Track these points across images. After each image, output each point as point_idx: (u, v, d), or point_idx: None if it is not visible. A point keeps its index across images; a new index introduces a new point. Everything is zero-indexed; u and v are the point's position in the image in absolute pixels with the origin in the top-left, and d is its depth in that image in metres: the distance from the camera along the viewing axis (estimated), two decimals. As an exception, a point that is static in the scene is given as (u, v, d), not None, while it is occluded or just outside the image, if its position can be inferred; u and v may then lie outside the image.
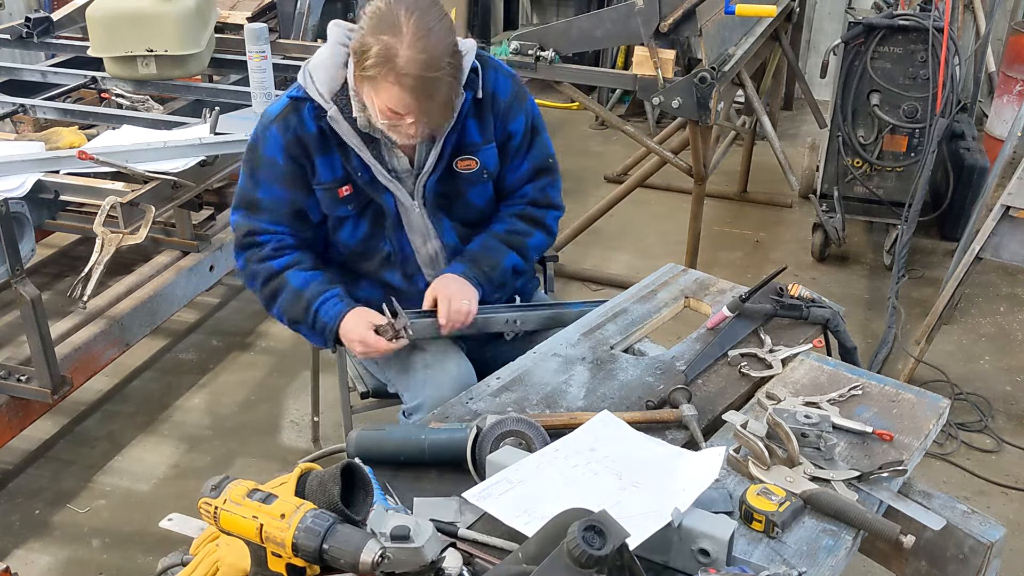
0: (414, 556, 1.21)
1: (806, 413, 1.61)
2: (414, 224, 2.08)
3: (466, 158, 2.04)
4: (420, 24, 1.76)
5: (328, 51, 1.94)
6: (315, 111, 1.94)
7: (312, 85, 1.92)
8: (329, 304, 2.01)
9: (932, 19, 3.72)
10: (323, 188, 2.01)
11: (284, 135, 1.96)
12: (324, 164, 1.98)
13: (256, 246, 2.04)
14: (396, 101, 1.80)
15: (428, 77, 1.77)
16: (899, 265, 3.62)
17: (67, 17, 3.97)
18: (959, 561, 1.62)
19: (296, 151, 1.97)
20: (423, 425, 1.64)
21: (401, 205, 2.05)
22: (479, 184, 2.09)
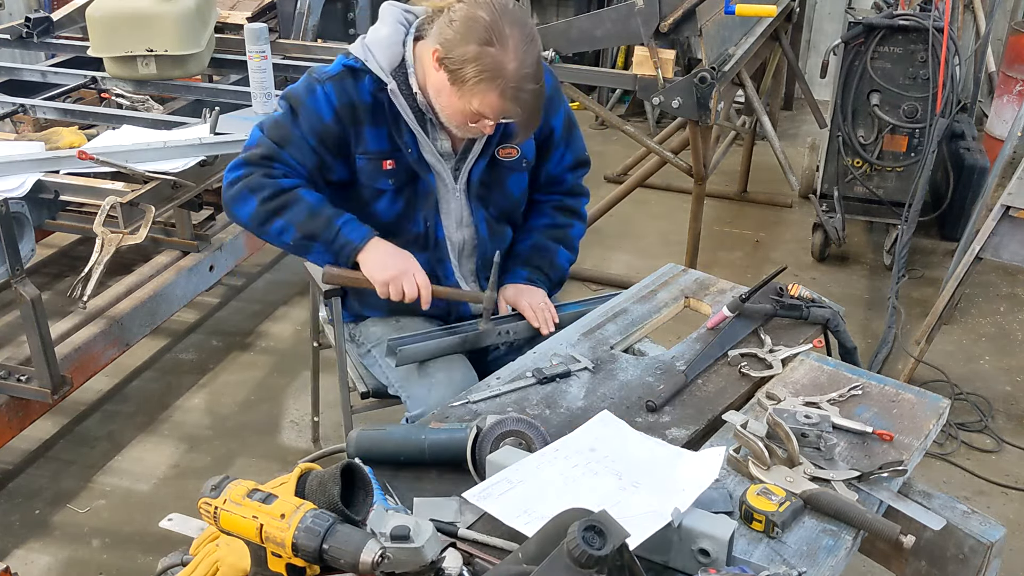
0: (414, 556, 1.21)
1: (806, 413, 1.61)
2: (451, 209, 2.10)
3: (508, 146, 2.09)
4: (523, 36, 1.81)
5: (388, 29, 1.98)
6: (374, 82, 1.97)
7: (373, 58, 1.95)
8: (353, 224, 2.01)
9: (932, 19, 3.72)
10: (368, 157, 2.02)
11: (338, 96, 1.97)
12: (373, 135, 2.00)
13: (267, 167, 2.01)
14: (497, 110, 1.85)
15: (533, 89, 1.83)
16: (899, 265, 3.62)
17: (67, 17, 3.97)
18: (959, 561, 1.62)
19: (347, 115, 1.99)
20: (423, 425, 1.64)
21: (444, 186, 2.08)
22: (518, 172, 2.14)
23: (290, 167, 2.01)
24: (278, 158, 2.01)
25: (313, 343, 2.82)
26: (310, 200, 2.00)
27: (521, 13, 1.86)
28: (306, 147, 2.00)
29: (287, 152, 2.01)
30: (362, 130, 2.00)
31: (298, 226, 2.00)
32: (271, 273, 4.14)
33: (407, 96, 1.97)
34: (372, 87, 1.97)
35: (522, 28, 1.82)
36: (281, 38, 4.01)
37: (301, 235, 2.01)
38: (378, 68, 1.95)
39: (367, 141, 2.00)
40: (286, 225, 2.00)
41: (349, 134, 2.00)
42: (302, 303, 3.83)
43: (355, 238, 1.99)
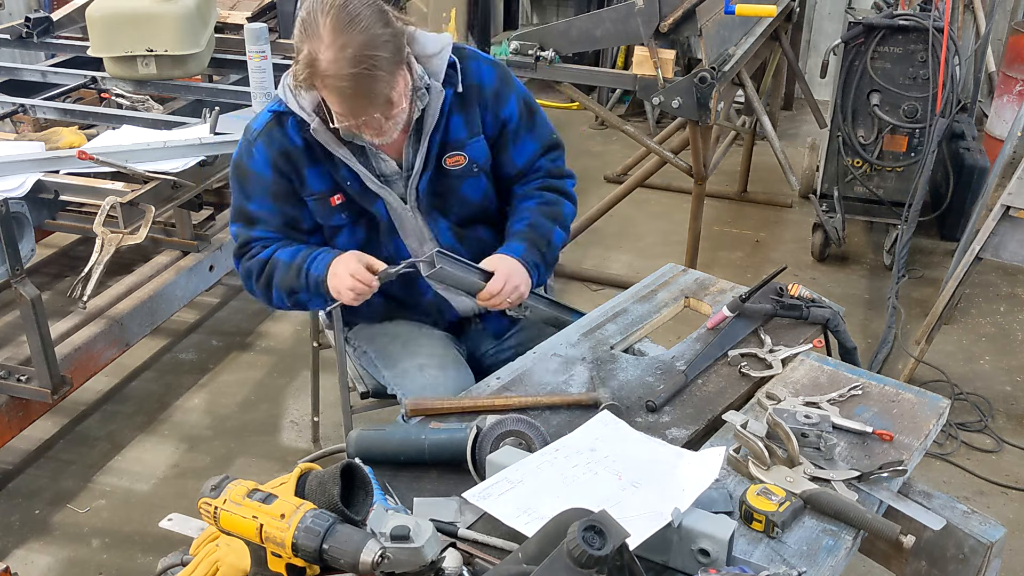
0: (414, 556, 1.21)
1: (806, 413, 1.61)
2: (408, 228, 2.06)
3: (453, 154, 2.02)
4: (337, 21, 1.71)
5: None
6: (298, 124, 1.92)
7: (292, 99, 1.90)
8: (319, 259, 1.98)
9: (932, 19, 3.72)
10: (315, 199, 2.00)
11: (269, 149, 1.95)
12: (313, 175, 1.97)
13: (247, 251, 2.05)
14: (335, 102, 1.79)
15: (352, 74, 1.72)
16: (899, 265, 3.62)
17: (67, 17, 3.97)
18: (959, 561, 1.62)
19: (284, 165, 1.96)
20: (423, 425, 1.64)
21: (393, 210, 2.03)
22: (470, 178, 2.06)
23: (267, 240, 2.03)
24: (254, 238, 2.03)
25: (313, 343, 2.82)
26: (284, 258, 2.01)
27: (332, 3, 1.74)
28: (267, 214, 2.01)
29: (256, 231, 2.03)
30: (302, 173, 1.97)
31: (281, 287, 2.01)
32: (271, 273, 4.14)
33: (333, 130, 1.89)
34: (296, 128, 1.93)
35: (339, 11, 1.72)
36: (281, 38, 4.00)
37: (286, 293, 2.02)
38: (299, 108, 1.90)
39: (309, 184, 1.98)
40: (279, 292, 2.03)
41: (293, 181, 1.98)
42: (302, 303, 3.83)
43: (320, 272, 1.96)
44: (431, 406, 1.72)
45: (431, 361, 2.05)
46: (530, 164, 2.13)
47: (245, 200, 2.02)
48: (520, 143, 2.10)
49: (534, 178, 2.15)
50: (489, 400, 1.72)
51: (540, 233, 2.07)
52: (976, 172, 4.25)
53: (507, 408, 1.69)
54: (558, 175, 2.16)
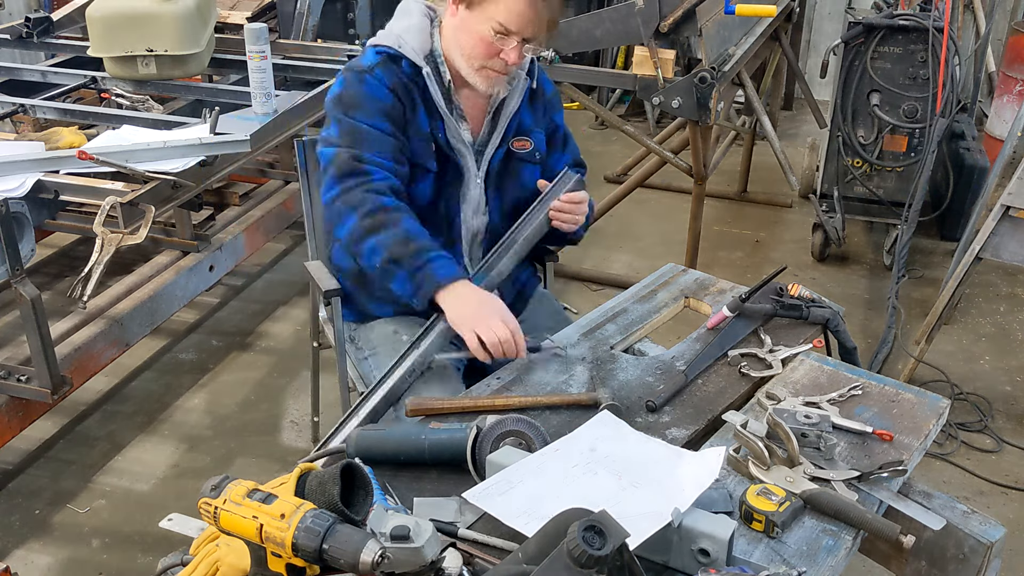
0: (414, 556, 1.21)
1: (806, 413, 1.61)
2: (471, 196, 2.15)
3: (522, 138, 2.16)
4: None
5: (416, 19, 2.06)
6: (410, 67, 2.02)
7: (406, 45, 2.02)
8: (444, 260, 1.92)
9: (932, 19, 3.72)
10: (419, 137, 2.05)
11: (389, 78, 2.01)
12: (422, 115, 2.05)
13: (364, 174, 1.95)
14: (516, 9, 1.89)
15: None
16: (899, 265, 3.62)
17: (67, 17, 3.97)
18: (959, 561, 1.62)
19: (402, 93, 2.02)
20: (423, 425, 1.65)
21: (467, 173, 2.12)
22: (531, 164, 2.19)
23: (379, 165, 1.97)
24: (365, 158, 1.97)
25: (313, 343, 2.82)
26: (407, 226, 1.94)
27: None
28: (379, 135, 1.99)
29: (367, 150, 1.97)
30: (416, 109, 2.04)
31: (388, 248, 1.91)
32: (271, 273, 4.15)
33: (438, 83, 2.04)
34: (409, 71, 2.02)
35: None
36: (281, 38, 4.01)
37: (388, 257, 1.92)
38: (413, 53, 2.01)
39: (418, 121, 2.05)
40: (377, 245, 1.93)
41: (407, 111, 2.03)
42: (302, 303, 3.83)
43: (440, 274, 1.88)
44: (431, 406, 1.73)
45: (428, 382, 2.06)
46: None
47: (355, 121, 1.99)
48: (557, 153, 2.27)
49: None
50: (489, 400, 1.73)
51: None
52: (976, 172, 4.25)
53: (507, 408, 1.69)
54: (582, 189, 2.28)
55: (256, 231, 3.51)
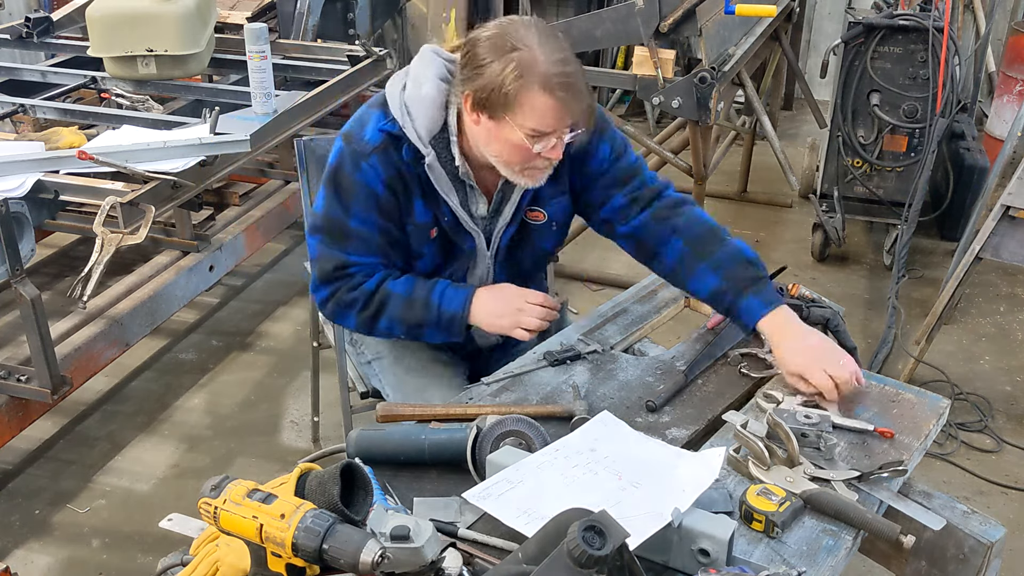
0: (414, 556, 1.21)
1: (806, 413, 1.61)
2: (478, 272, 2.03)
3: (534, 209, 1.98)
4: (540, 31, 1.71)
5: (430, 88, 1.82)
6: (411, 152, 1.84)
7: (411, 126, 1.82)
8: (449, 294, 1.92)
9: (932, 19, 3.72)
10: (416, 227, 1.93)
11: (385, 168, 1.85)
12: (419, 205, 1.91)
13: (346, 278, 1.93)
14: (545, 111, 1.69)
15: (571, 72, 1.69)
16: (899, 265, 3.62)
17: (67, 17, 3.97)
18: (959, 561, 1.62)
19: (398, 186, 1.87)
20: (423, 425, 1.64)
21: (477, 251, 2.00)
22: (547, 233, 2.04)
23: (362, 265, 1.93)
24: (349, 263, 1.92)
25: (313, 343, 2.82)
26: (399, 291, 1.92)
27: (528, 18, 1.77)
28: (367, 233, 1.90)
29: (352, 252, 1.91)
30: (412, 200, 1.90)
31: (401, 321, 1.93)
32: (271, 273, 4.14)
33: (445, 163, 1.86)
34: (410, 156, 1.85)
35: (536, 25, 1.72)
36: (281, 38, 4.01)
37: (407, 327, 1.94)
38: (416, 139, 1.82)
39: (415, 212, 1.91)
40: (390, 324, 1.94)
41: (401, 203, 1.90)
42: (302, 303, 3.83)
43: (457, 308, 1.91)
44: (402, 412, 1.71)
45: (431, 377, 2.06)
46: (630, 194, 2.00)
47: (344, 214, 1.89)
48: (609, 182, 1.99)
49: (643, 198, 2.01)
50: (462, 408, 1.71)
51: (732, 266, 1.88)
52: (976, 172, 4.25)
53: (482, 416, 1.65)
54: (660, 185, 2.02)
55: (256, 231, 3.51)
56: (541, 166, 1.81)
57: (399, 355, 2.14)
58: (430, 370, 2.10)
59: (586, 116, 1.78)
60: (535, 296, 1.92)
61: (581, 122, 1.77)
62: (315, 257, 1.95)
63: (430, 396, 2.02)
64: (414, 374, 2.10)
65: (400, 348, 2.15)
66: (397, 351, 2.15)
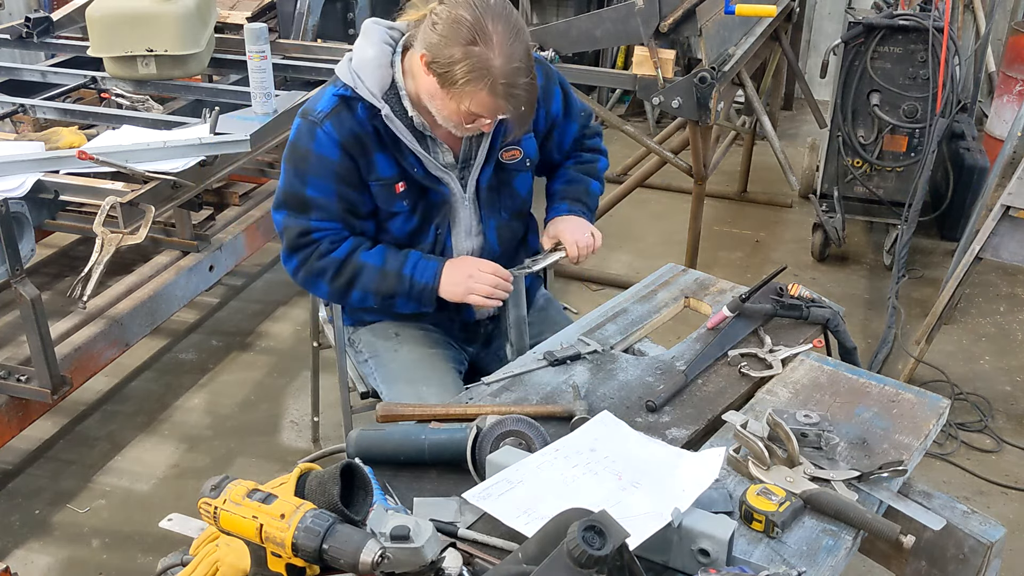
0: (414, 556, 1.21)
1: (806, 413, 1.61)
2: (461, 219, 2.09)
3: (510, 148, 2.08)
4: (507, 30, 1.76)
5: (374, 50, 1.93)
6: (367, 109, 1.93)
7: (362, 84, 1.91)
8: (420, 266, 2.00)
9: (932, 19, 3.72)
10: (380, 184, 1.99)
11: (340, 132, 1.93)
12: (382, 160, 1.97)
13: (311, 244, 2.00)
14: (490, 108, 1.81)
15: (524, 83, 1.80)
16: (899, 265, 3.62)
17: (67, 17, 3.96)
18: (959, 561, 1.62)
19: (354, 148, 1.95)
20: (423, 425, 1.64)
21: (453, 198, 2.06)
22: (522, 173, 2.13)
23: (325, 230, 1.99)
24: (311, 228, 1.99)
25: (313, 343, 2.82)
26: (372, 261, 2.00)
27: (504, 7, 1.80)
28: (325, 201, 1.97)
29: (313, 218, 1.98)
30: (372, 158, 1.96)
31: (374, 291, 2.01)
32: (271, 273, 4.14)
33: (402, 117, 1.94)
34: (366, 114, 1.93)
35: (506, 22, 1.77)
36: (281, 38, 4.01)
37: (380, 297, 2.02)
38: (369, 95, 1.91)
39: (377, 168, 1.97)
40: (363, 294, 2.02)
41: (360, 165, 1.96)
42: (302, 303, 3.83)
43: (427, 279, 2.00)
44: (402, 412, 1.71)
45: (421, 376, 2.06)
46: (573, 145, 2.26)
47: (301, 185, 1.97)
48: (564, 129, 2.21)
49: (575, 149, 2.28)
50: (462, 409, 1.71)
51: (578, 187, 2.22)
52: (976, 172, 4.25)
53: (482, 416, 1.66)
54: (592, 134, 2.31)
55: (256, 231, 3.51)
56: (475, 131, 1.94)
57: (392, 354, 2.15)
58: (424, 368, 2.10)
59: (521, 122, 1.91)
60: (486, 265, 2.01)
61: (524, 121, 1.91)
62: (281, 229, 2.04)
63: (424, 394, 2.02)
64: (408, 373, 2.10)
65: (394, 345, 2.15)
66: (390, 348, 2.15)
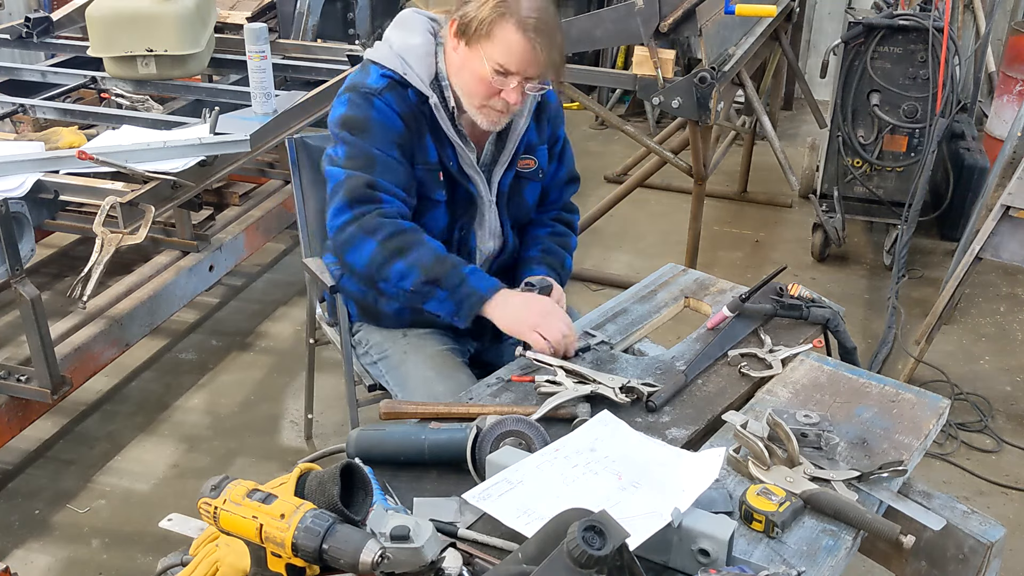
0: (414, 556, 1.21)
1: (806, 413, 1.61)
2: (486, 220, 2.10)
3: (526, 157, 2.10)
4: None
5: (420, 39, 1.95)
6: (416, 96, 1.94)
7: (412, 71, 1.92)
8: (480, 274, 1.93)
9: (932, 19, 3.73)
10: (426, 168, 1.98)
11: (399, 104, 1.93)
12: (430, 144, 1.98)
13: (376, 201, 1.91)
14: (514, 49, 1.81)
15: (549, 20, 1.81)
16: (899, 265, 3.62)
17: (67, 17, 3.97)
18: (959, 561, 1.62)
19: (412, 122, 1.95)
20: (423, 425, 1.64)
21: (480, 197, 2.07)
22: (533, 182, 2.15)
23: (393, 194, 1.93)
24: (380, 185, 1.92)
25: (309, 340, 2.81)
26: (434, 245, 1.94)
27: None
28: (393, 163, 1.93)
29: (380, 177, 1.92)
30: (424, 139, 1.97)
31: (423, 269, 1.89)
32: (271, 273, 4.14)
33: (446, 108, 1.96)
34: (416, 100, 1.94)
35: None
36: (281, 38, 4.01)
37: (424, 279, 1.90)
38: (420, 82, 1.92)
39: (426, 151, 1.98)
40: (408, 268, 1.90)
41: (415, 142, 1.96)
42: (302, 303, 3.83)
43: (482, 288, 1.90)
44: (404, 410, 1.72)
45: (438, 373, 2.06)
46: (555, 189, 2.24)
47: (368, 144, 1.91)
48: (554, 164, 2.21)
49: (552, 208, 2.26)
50: (462, 408, 1.71)
51: (555, 259, 2.19)
52: (976, 172, 4.25)
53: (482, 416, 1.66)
54: (571, 209, 2.30)
55: (256, 231, 3.52)
56: (499, 107, 1.91)
57: (402, 355, 2.15)
58: (437, 366, 2.10)
59: (553, 70, 1.89)
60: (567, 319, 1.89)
61: (546, 75, 1.88)
62: (341, 180, 1.93)
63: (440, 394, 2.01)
64: (422, 372, 2.09)
65: (403, 347, 2.15)
66: (400, 351, 2.15)
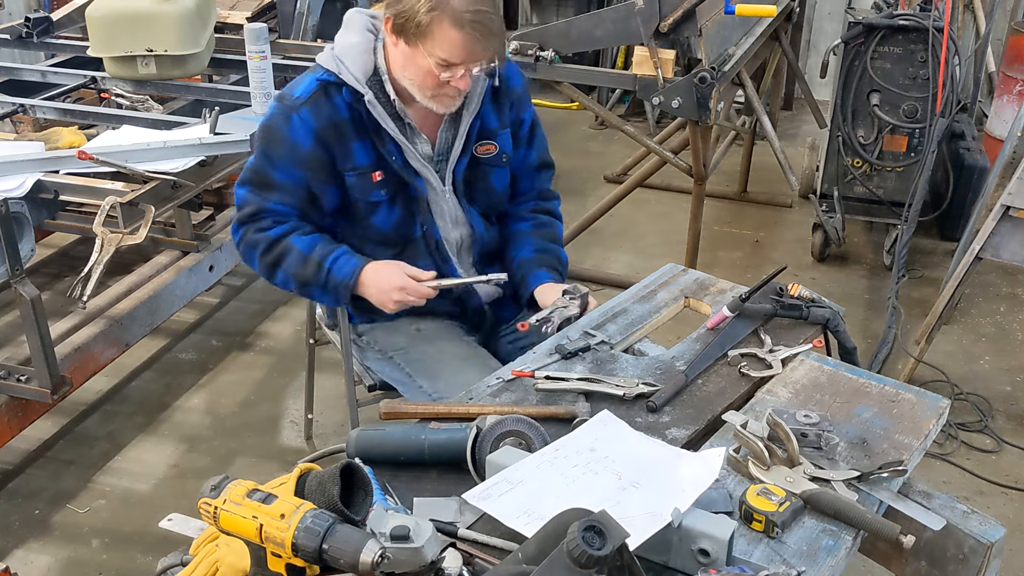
0: (414, 556, 1.21)
1: (806, 413, 1.61)
2: (444, 209, 2.11)
3: (485, 143, 2.10)
4: None
5: (357, 37, 1.97)
6: (350, 95, 1.95)
7: (346, 70, 1.93)
8: (342, 261, 2.02)
9: (932, 19, 3.73)
10: (357, 173, 2.01)
11: (316, 119, 1.95)
12: (359, 148, 1.99)
13: (258, 219, 2.04)
14: (455, 45, 1.83)
15: (484, 11, 1.82)
16: (899, 265, 3.62)
17: (67, 17, 3.97)
18: (959, 561, 1.62)
19: (330, 136, 1.97)
20: (423, 425, 1.64)
21: (432, 189, 2.08)
22: (498, 168, 2.15)
23: (279, 214, 2.02)
24: (264, 209, 2.02)
25: (308, 340, 2.81)
26: (300, 246, 2.02)
27: None
28: (291, 186, 2.01)
29: (273, 201, 2.02)
30: (349, 146, 1.98)
31: (294, 276, 2.04)
32: (271, 273, 4.14)
33: (384, 104, 1.96)
34: (349, 99, 1.96)
35: None
36: (281, 38, 4.01)
37: (298, 283, 2.07)
38: (353, 80, 1.93)
39: (355, 156, 1.99)
40: (286, 277, 2.06)
41: (335, 154, 1.98)
42: (302, 303, 3.81)
43: (344, 276, 2.01)
44: (404, 410, 1.72)
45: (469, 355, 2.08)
46: (526, 176, 2.23)
47: (269, 166, 2.00)
48: (521, 150, 2.19)
49: (527, 199, 2.25)
50: (462, 408, 1.72)
51: (550, 256, 2.19)
52: (976, 172, 4.25)
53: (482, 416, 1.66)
54: (548, 196, 2.29)
55: (256, 231, 3.51)
56: (451, 94, 1.94)
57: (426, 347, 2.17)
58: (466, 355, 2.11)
59: (495, 53, 1.91)
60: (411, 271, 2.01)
61: (490, 58, 1.91)
62: (240, 203, 2.06)
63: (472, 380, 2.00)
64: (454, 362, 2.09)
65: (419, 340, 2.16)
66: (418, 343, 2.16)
